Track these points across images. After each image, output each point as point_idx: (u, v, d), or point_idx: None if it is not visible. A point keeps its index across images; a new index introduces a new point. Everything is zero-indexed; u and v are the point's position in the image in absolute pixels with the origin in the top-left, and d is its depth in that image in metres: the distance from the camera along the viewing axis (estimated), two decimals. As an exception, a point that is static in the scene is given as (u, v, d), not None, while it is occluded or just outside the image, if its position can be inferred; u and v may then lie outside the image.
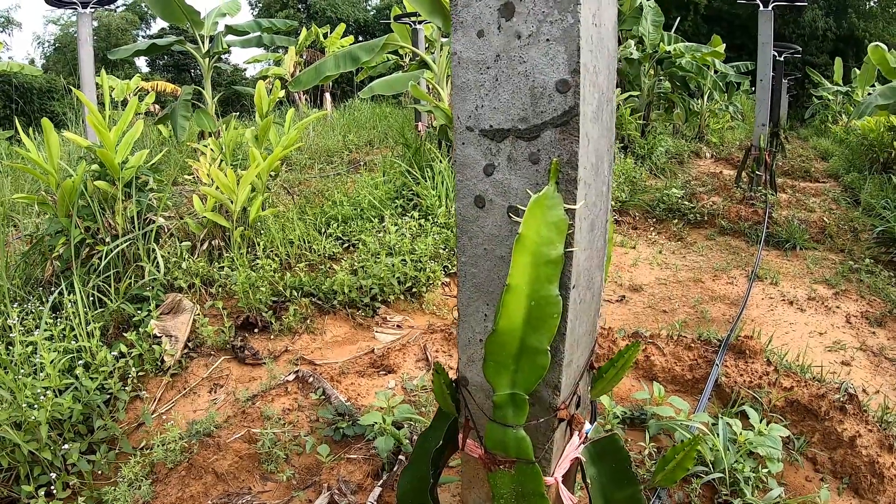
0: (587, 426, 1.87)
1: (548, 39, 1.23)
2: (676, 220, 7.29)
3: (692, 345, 3.66)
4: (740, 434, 2.72)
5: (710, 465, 2.67)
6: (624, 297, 5.19)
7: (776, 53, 9.30)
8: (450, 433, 1.82)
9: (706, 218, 7.32)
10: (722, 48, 10.14)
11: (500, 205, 1.34)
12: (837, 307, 5.01)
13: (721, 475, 2.61)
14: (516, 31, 1.26)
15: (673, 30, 11.16)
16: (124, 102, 9.64)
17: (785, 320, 4.76)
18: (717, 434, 2.74)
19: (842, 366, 4.03)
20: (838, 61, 17.50)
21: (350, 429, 3.06)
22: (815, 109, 19.17)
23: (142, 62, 28.70)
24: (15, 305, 4.14)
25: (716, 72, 11.34)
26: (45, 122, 4.54)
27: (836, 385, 3.35)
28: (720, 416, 2.99)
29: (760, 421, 2.84)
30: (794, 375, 3.46)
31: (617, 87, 10.28)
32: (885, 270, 5.72)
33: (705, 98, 12.70)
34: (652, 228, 7.27)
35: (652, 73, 10.53)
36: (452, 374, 1.73)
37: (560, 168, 1.23)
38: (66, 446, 3.00)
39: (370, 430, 2.98)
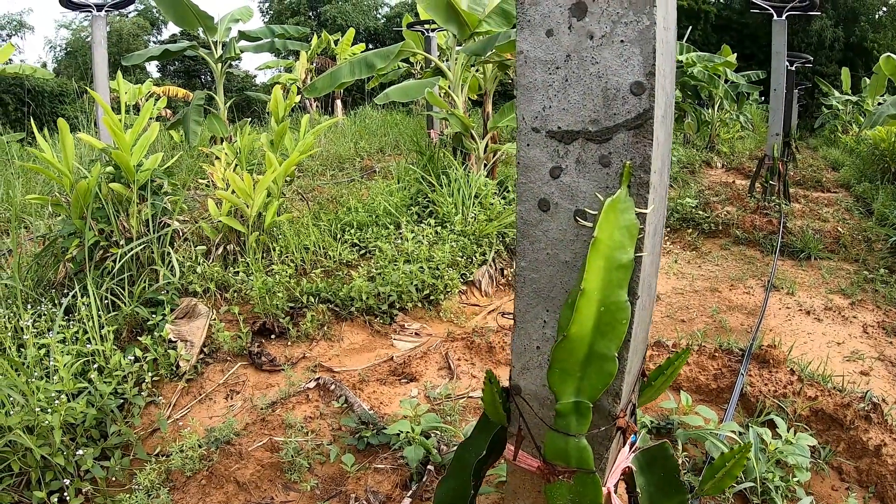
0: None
1: (622, 41, 1.22)
2: (691, 230, 7.28)
3: (715, 354, 3.64)
4: (770, 443, 2.70)
5: (742, 475, 2.64)
6: (642, 306, 5.16)
7: (787, 63, 9.31)
8: (493, 443, 1.79)
9: (720, 227, 7.31)
10: (733, 58, 10.15)
11: (566, 208, 1.33)
12: (854, 317, 4.99)
13: (752, 484, 2.59)
14: (588, 31, 1.25)
15: (684, 39, 11.19)
16: (136, 107, 9.63)
17: (803, 330, 4.73)
18: (749, 443, 2.71)
19: (861, 376, 4.01)
20: (846, 71, 17.54)
21: (375, 437, 3.03)
22: (824, 119, 19.20)
23: (153, 67, 28.77)
24: (28, 307, 4.09)
25: (727, 81, 11.36)
26: (62, 122, 4.53)
27: (859, 395, 3.33)
28: (748, 425, 2.96)
29: (788, 430, 2.82)
30: (818, 385, 3.44)
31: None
32: (902, 280, 5.71)
33: (716, 107, 12.73)
34: (666, 238, 7.25)
35: (663, 81, 10.51)
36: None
37: (633, 171, 1.21)
38: (79, 452, 2.96)
39: (396, 440, 2.95)
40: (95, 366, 3.53)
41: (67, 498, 2.82)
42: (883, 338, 4.64)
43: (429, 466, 2.77)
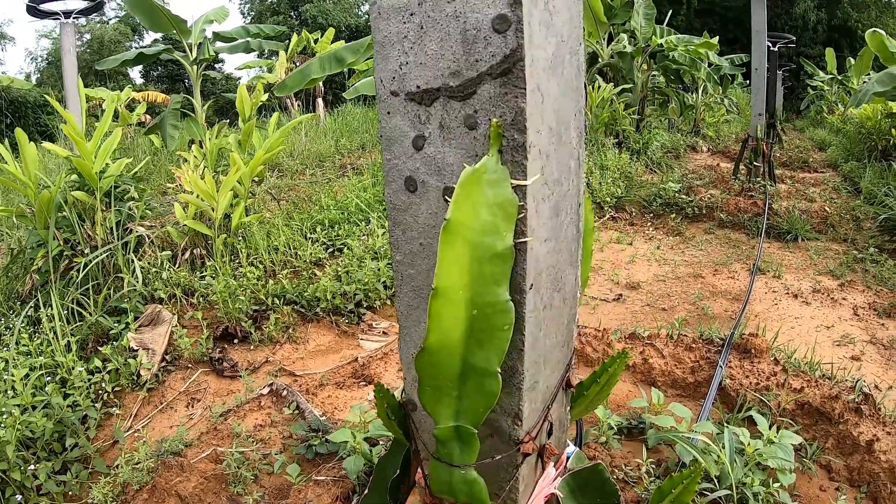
0: (570, 448, 1.54)
1: (481, -35, 0.90)
2: (674, 215, 6.92)
3: (693, 345, 3.31)
4: (748, 444, 2.37)
5: (716, 481, 2.32)
6: (621, 295, 4.83)
7: (770, 44, 8.91)
8: (406, 461, 1.50)
9: (704, 211, 6.95)
10: (715, 40, 9.74)
11: (435, 187, 1.02)
12: (844, 299, 4.65)
13: (728, 492, 2.27)
14: (441, -42, 0.94)
15: (665, 23, 10.78)
16: (116, 114, 9.37)
17: (790, 314, 4.40)
18: (723, 445, 2.38)
19: (852, 361, 3.67)
20: (830, 51, 17.01)
21: (323, 446, 2.74)
22: (810, 100, 18.69)
23: (136, 74, 28.04)
24: None
25: (710, 64, 10.94)
26: (19, 132, 4.27)
27: (849, 384, 3.00)
28: (725, 423, 2.64)
29: (770, 427, 2.50)
30: (804, 375, 3.11)
31: (609, 81, 9.89)
32: (891, 259, 5.34)
33: (700, 91, 12.30)
34: (649, 224, 6.90)
35: (645, 67, 10.14)
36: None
37: (503, 131, 0.90)
38: (31, 467, 2.75)
39: (343, 448, 2.65)
40: (58, 378, 3.32)
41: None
42: (874, 319, 4.30)
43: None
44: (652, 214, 7.11)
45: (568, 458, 1.49)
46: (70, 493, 2.82)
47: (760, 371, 3.10)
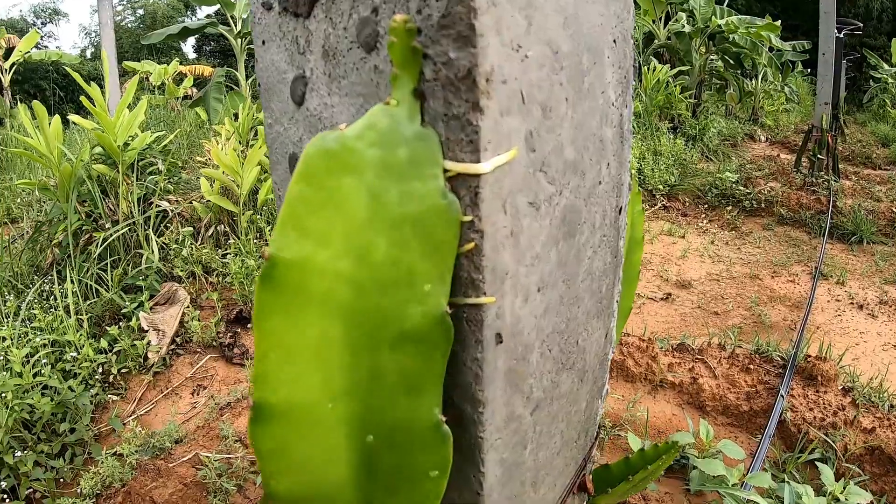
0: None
1: None
2: (730, 207, 6.19)
3: (750, 366, 2.71)
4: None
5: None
6: (670, 294, 4.23)
7: (836, 30, 7.90)
8: None
9: (763, 205, 6.20)
10: (777, 23, 8.73)
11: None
12: (914, 313, 3.93)
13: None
14: None
15: (725, 4, 9.76)
16: (161, 87, 9.11)
17: (854, 328, 3.73)
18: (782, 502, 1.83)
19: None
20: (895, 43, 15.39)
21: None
22: (873, 93, 17.06)
23: (189, 49, 27.62)
24: (10, 296, 3.66)
25: (771, 49, 9.89)
26: (37, 104, 3.95)
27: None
28: (784, 468, 2.07)
29: (837, 480, 1.93)
30: (875, 409, 2.49)
31: (666, 62, 9.05)
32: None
33: (759, 77, 11.21)
34: (703, 215, 6.20)
35: (703, 49, 9.21)
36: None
37: (424, 43, 0.38)
38: (18, 454, 2.50)
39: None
40: (66, 356, 3.06)
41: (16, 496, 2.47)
42: (949, 339, 3.58)
43: None
44: (706, 206, 6.39)
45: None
46: (61, 479, 2.56)
47: (827, 403, 2.50)
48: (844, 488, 1.87)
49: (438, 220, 0.38)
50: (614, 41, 0.57)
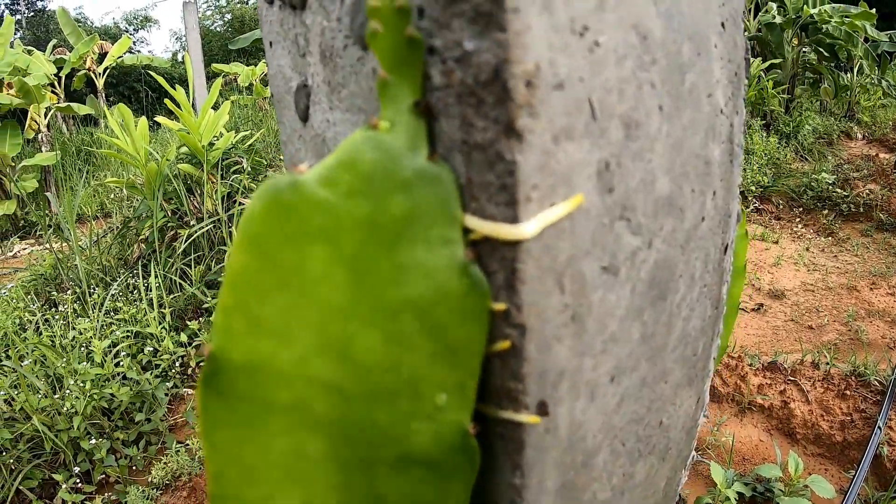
0: None
1: None
2: (826, 211, 5.66)
3: (846, 391, 2.39)
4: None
5: None
6: (762, 305, 3.89)
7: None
8: None
9: (862, 209, 5.62)
10: (873, 12, 7.91)
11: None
12: None
13: None
14: None
15: (818, -7, 8.95)
16: (250, 88, 9.37)
17: (964, 351, 3.26)
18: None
19: None
20: None
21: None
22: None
23: None
24: (97, 289, 3.84)
25: (866, 40, 8.98)
26: (123, 107, 4.13)
27: None
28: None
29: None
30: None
31: (757, 56, 8.43)
32: None
33: (855, 70, 10.22)
34: (798, 219, 5.71)
35: (795, 41, 8.49)
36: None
37: (423, 30, 0.24)
38: (92, 441, 2.56)
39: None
40: (147, 349, 3.16)
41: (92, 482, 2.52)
42: None
43: None
44: (801, 209, 5.88)
45: None
46: (134, 468, 2.62)
47: (931, 437, 2.16)
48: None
49: (454, 308, 0.25)
50: (722, 24, 0.41)
